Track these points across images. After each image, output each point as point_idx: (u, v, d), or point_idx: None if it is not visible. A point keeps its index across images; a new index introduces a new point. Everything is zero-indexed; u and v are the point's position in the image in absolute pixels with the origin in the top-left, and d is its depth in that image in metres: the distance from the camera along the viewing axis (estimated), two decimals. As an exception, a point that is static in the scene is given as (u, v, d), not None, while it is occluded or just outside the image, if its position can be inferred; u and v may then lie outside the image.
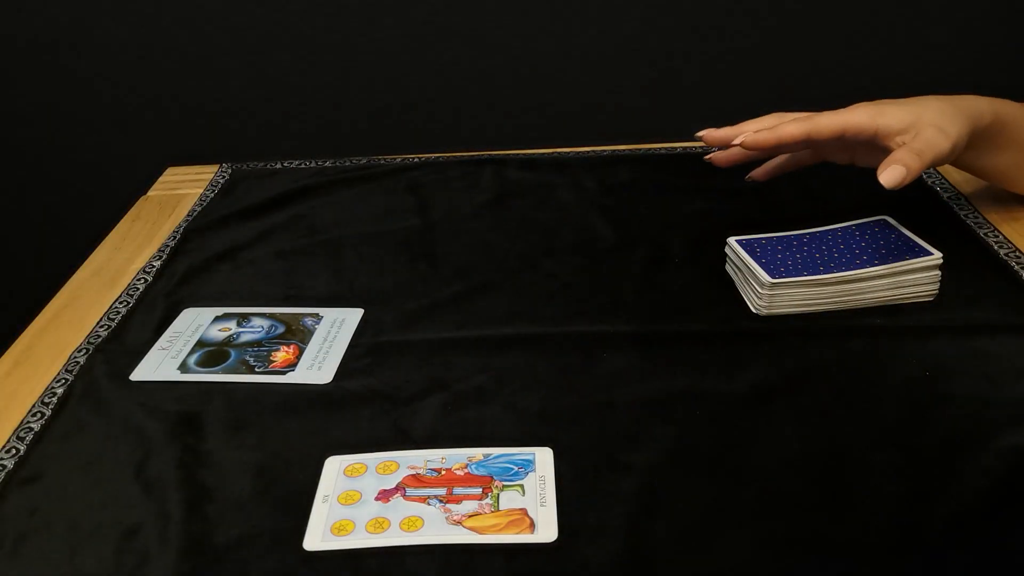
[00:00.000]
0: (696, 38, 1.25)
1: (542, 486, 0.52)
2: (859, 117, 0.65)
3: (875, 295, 0.66)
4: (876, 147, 0.67)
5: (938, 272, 0.65)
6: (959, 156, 0.68)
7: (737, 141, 0.69)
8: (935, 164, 0.65)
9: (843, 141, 0.68)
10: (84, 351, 0.68)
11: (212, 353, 0.66)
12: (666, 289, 0.71)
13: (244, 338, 0.68)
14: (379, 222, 0.85)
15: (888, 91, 0.79)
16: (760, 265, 0.65)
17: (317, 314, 0.70)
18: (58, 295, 0.78)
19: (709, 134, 0.71)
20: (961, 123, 0.65)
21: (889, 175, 0.61)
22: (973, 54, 1.24)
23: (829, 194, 0.83)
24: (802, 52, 1.23)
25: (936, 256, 0.65)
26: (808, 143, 0.68)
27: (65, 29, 1.27)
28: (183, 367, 0.65)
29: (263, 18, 1.25)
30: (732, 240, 0.69)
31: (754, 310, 0.66)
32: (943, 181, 0.86)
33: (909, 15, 1.22)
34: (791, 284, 0.65)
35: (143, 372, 0.65)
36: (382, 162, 0.99)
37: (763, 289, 0.65)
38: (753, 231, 0.70)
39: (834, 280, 0.65)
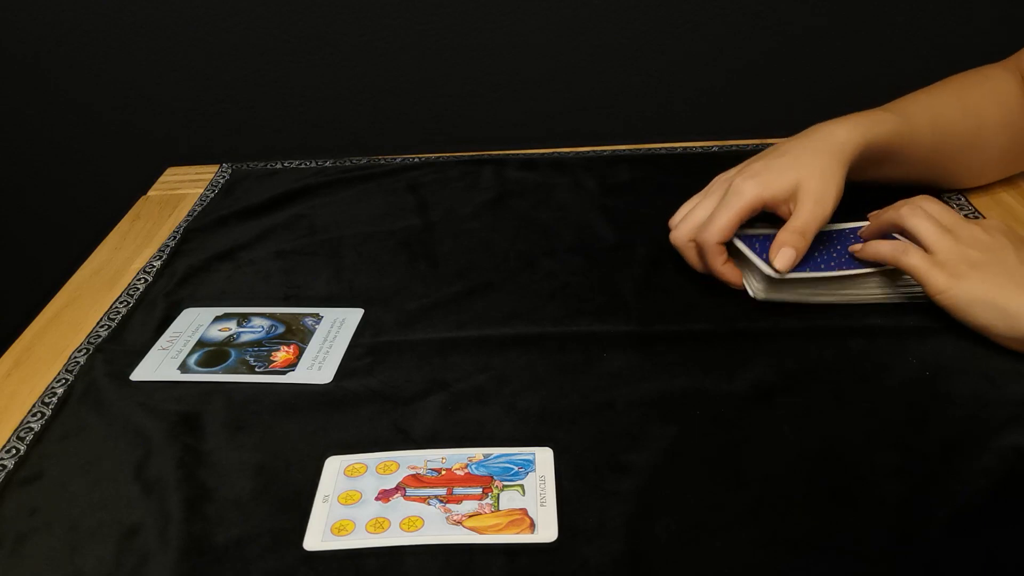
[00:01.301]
0: (697, 38, 1.25)
1: (542, 486, 0.52)
2: (747, 199, 0.67)
3: (873, 293, 0.66)
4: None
5: None
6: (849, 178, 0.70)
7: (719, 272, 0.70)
8: (820, 229, 0.67)
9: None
10: (84, 351, 0.68)
11: (212, 353, 0.66)
12: (666, 289, 0.71)
13: (244, 338, 0.68)
14: (379, 222, 0.85)
15: (888, 91, 0.79)
16: (763, 260, 0.65)
17: (317, 314, 0.70)
18: (58, 295, 0.78)
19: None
20: (838, 172, 0.67)
21: (781, 260, 0.64)
22: (973, 54, 1.24)
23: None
24: (802, 52, 1.23)
25: None
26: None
27: (65, 29, 1.27)
28: (183, 367, 0.65)
29: (263, 18, 1.25)
30: (735, 236, 0.69)
31: (752, 293, 0.67)
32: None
33: (907, 18, 1.22)
34: (791, 280, 0.65)
35: (143, 372, 0.65)
36: (382, 162, 0.99)
37: (761, 282, 0.66)
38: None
39: (833, 278, 0.65)
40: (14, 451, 0.58)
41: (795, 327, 0.65)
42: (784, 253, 0.64)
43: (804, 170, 0.67)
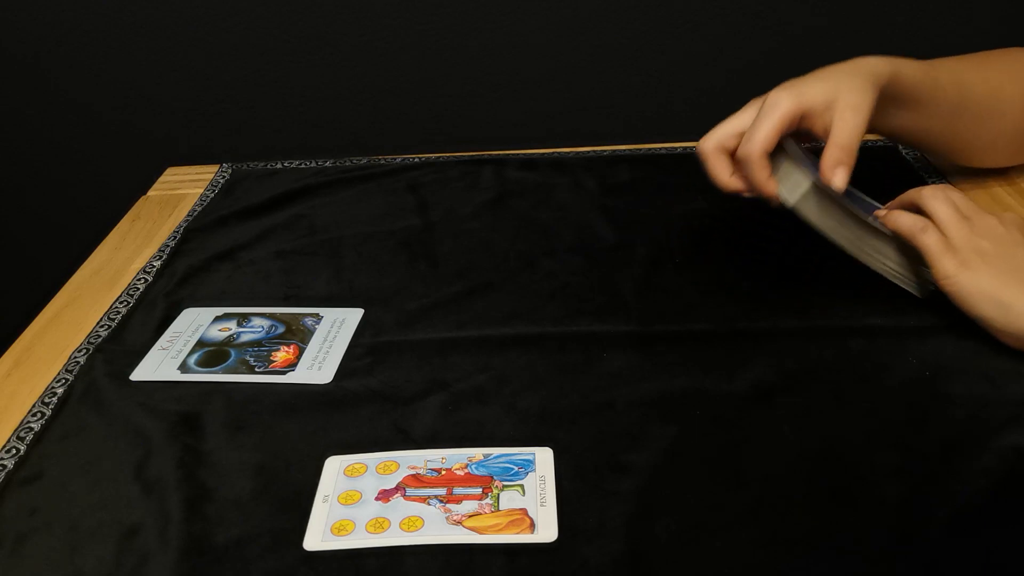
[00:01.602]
0: (697, 38, 1.25)
1: (542, 486, 0.52)
2: (785, 108, 0.65)
3: (887, 262, 0.65)
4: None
5: None
6: None
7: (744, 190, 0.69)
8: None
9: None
10: (84, 351, 0.68)
11: (212, 353, 0.66)
12: (666, 289, 0.71)
13: (244, 338, 0.68)
14: (379, 222, 0.85)
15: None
16: (811, 166, 0.65)
17: (317, 314, 0.70)
18: (58, 295, 0.78)
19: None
20: (871, 91, 0.67)
21: (839, 177, 0.64)
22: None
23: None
24: (802, 52, 1.23)
25: None
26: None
27: (65, 29, 1.27)
28: (183, 367, 0.65)
29: (263, 18, 1.25)
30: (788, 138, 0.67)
31: (784, 197, 0.65)
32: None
33: (907, 18, 1.22)
34: (831, 202, 0.64)
35: (143, 372, 0.65)
36: (382, 162, 0.99)
37: (800, 195, 0.65)
38: (753, 231, 0.70)
39: (863, 221, 0.64)
40: (14, 451, 0.58)
41: (795, 327, 0.65)
42: (840, 171, 0.63)
43: (840, 84, 0.66)
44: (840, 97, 0.66)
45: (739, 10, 1.23)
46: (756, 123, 0.65)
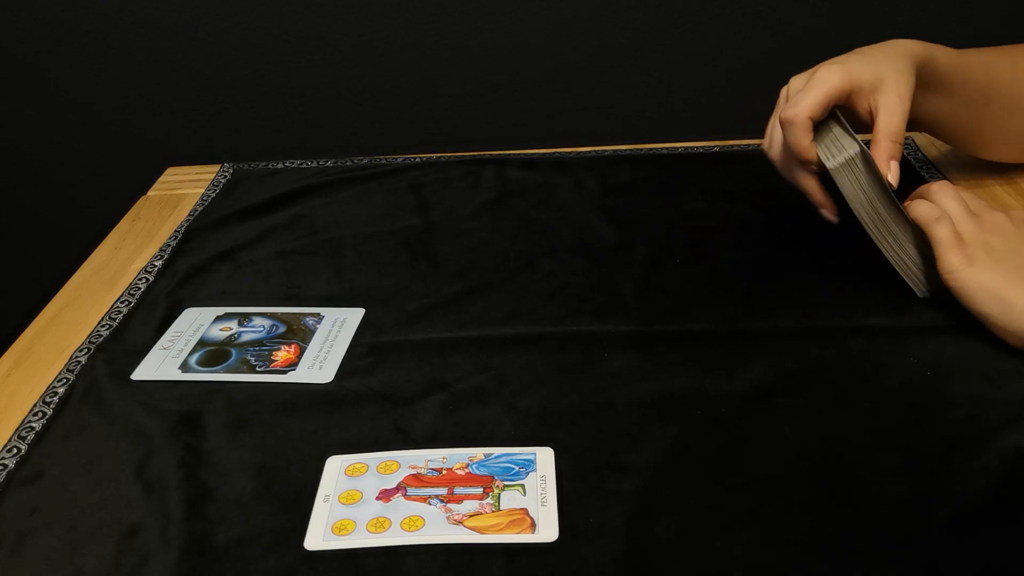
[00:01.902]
0: (697, 38, 1.25)
1: (543, 486, 0.52)
2: (833, 82, 0.66)
3: (903, 252, 0.66)
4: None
5: None
6: None
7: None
8: None
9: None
10: (85, 351, 0.68)
11: (213, 353, 0.66)
12: (666, 289, 0.71)
13: (245, 338, 0.68)
14: (380, 222, 0.85)
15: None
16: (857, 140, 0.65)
17: (318, 314, 0.70)
18: (58, 295, 0.78)
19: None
20: (913, 76, 0.68)
21: (895, 172, 0.65)
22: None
23: (835, 193, 0.83)
24: (802, 52, 1.23)
25: None
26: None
27: (65, 29, 1.27)
28: (184, 367, 0.65)
29: (263, 18, 1.25)
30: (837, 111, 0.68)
31: (824, 161, 0.66)
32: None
33: (907, 18, 1.22)
34: (868, 176, 0.65)
35: (144, 372, 0.65)
36: (383, 162, 0.99)
37: (844, 154, 0.65)
38: (753, 231, 0.70)
39: (894, 202, 0.65)
40: (15, 450, 0.58)
41: (795, 327, 0.65)
42: (894, 165, 0.65)
43: (883, 66, 0.67)
44: (886, 82, 0.66)
45: (739, 10, 1.23)
46: (805, 91, 0.67)
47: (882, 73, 0.67)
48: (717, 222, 0.80)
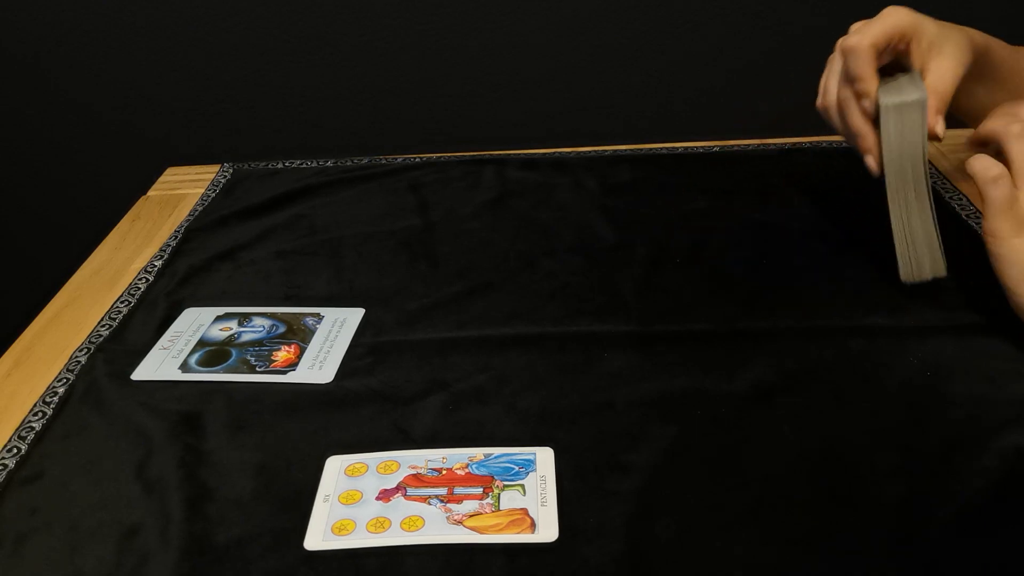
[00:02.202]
0: (697, 38, 1.25)
1: (543, 486, 0.52)
2: (896, 17, 0.67)
3: (909, 217, 0.65)
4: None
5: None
6: None
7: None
8: None
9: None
10: (85, 351, 0.68)
11: (213, 353, 0.66)
12: (666, 289, 0.71)
13: (245, 338, 0.68)
14: (380, 222, 0.85)
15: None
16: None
17: (318, 314, 0.70)
18: (58, 295, 0.78)
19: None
20: (969, 53, 0.68)
21: (941, 126, 0.66)
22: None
23: (835, 193, 0.83)
24: (802, 52, 1.23)
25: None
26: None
27: (65, 29, 1.27)
28: (184, 367, 0.65)
29: (263, 18, 1.25)
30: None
31: (883, 98, 0.66)
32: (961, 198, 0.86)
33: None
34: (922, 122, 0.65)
35: (144, 372, 0.65)
36: (383, 162, 0.99)
37: (908, 96, 0.65)
38: (753, 231, 0.70)
39: (925, 177, 0.64)
40: (15, 450, 0.58)
41: (795, 327, 0.65)
42: (940, 120, 0.65)
43: (948, 31, 0.68)
44: (945, 47, 0.67)
45: (739, 10, 1.23)
46: (870, 22, 0.67)
47: (946, 37, 0.67)
48: (717, 222, 0.80)
